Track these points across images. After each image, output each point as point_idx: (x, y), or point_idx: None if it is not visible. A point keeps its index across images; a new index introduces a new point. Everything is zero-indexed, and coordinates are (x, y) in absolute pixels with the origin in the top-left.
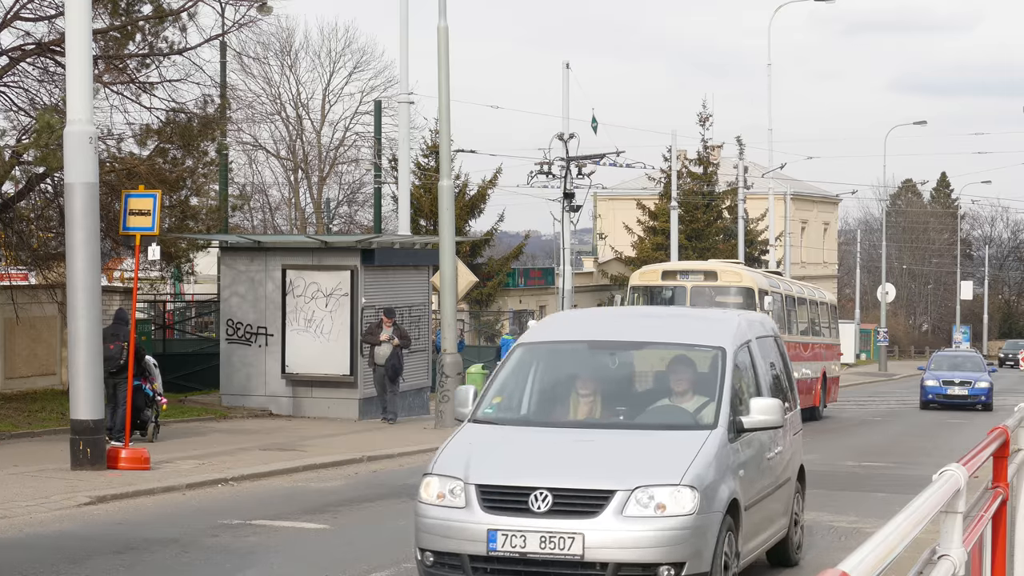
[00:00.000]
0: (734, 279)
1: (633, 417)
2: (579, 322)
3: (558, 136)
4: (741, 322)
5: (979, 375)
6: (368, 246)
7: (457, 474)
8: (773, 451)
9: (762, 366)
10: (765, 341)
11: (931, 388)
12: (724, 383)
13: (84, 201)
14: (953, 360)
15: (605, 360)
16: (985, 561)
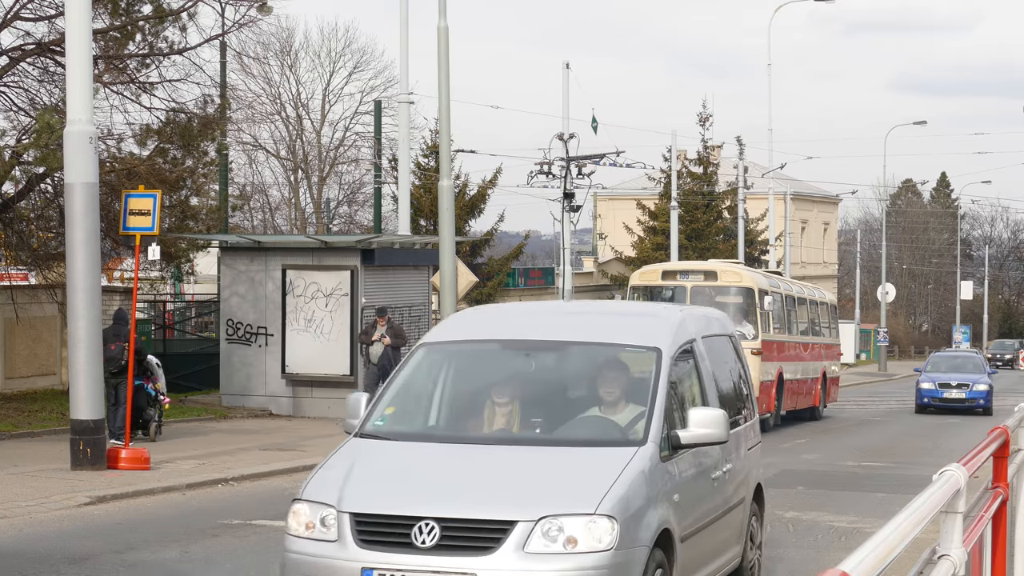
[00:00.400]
0: (734, 279)
1: (551, 431)
2: (492, 318)
3: (558, 136)
4: (684, 319)
5: (978, 377)
6: (368, 246)
7: (330, 500)
8: (721, 469)
9: (708, 370)
10: (715, 341)
11: (926, 391)
12: (657, 391)
13: (84, 201)
14: (952, 361)
15: (521, 363)
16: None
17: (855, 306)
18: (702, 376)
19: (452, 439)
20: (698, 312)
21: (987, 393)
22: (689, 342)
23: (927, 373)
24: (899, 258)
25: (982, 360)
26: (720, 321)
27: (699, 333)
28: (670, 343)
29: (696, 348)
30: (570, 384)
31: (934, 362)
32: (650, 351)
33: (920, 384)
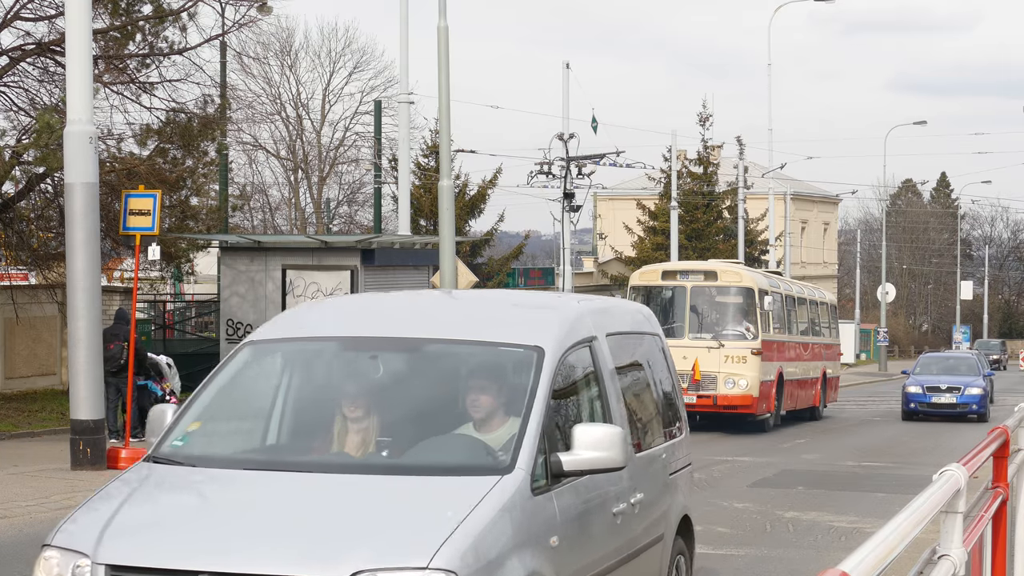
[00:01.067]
0: (734, 279)
1: (400, 454)
2: (338, 310)
3: (558, 136)
4: (581, 312)
5: (971, 380)
6: (368, 246)
7: (85, 548)
8: (625, 501)
9: (613, 377)
10: (629, 341)
11: (913, 395)
12: (533, 403)
13: (84, 201)
14: (944, 362)
15: (366, 367)
16: (985, 561)
17: (855, 306)
18: (603, 384)
19: (269, 465)
20: (604, 304)
21: (981, 397)
22: (586, 341)
23: (915, 375)
24: (899, 258)
25: (977, 361)
26: (637, 316)
27: (603, 330)
28: (557, 341)
29: (597, 349)
30: (429, 394)
31: (923, 363)
32: (529, 351)
33: (907, 388)
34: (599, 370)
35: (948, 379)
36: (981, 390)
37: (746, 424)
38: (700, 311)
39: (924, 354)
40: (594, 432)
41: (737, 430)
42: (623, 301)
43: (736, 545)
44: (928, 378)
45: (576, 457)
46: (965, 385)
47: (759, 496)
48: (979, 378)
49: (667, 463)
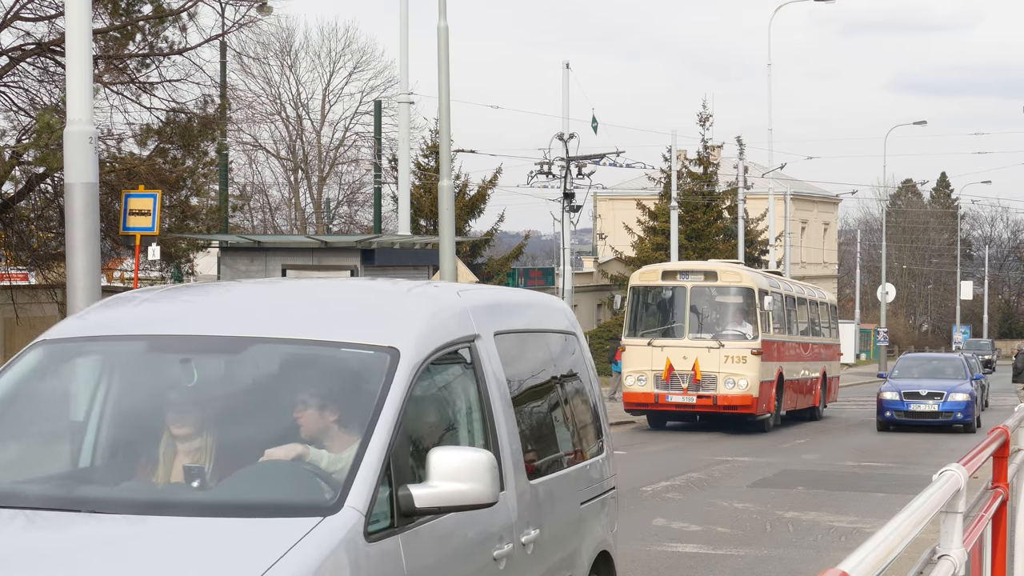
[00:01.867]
0: (734, 279)
1: (213, 484)
2: (154, 302)
3: (558, 136)
4: (457, 305)
5: (956, 385)
6: (368, 246)
7: None
8: (514, 541)
9: (502, 387)
10: (532, 340)
11: (889, 403)
12: (377, 421)
13: (84, 201)
14: (926, 365)
15: (177, 373)
16: (985, 561)
17: (855, 306)
18: (487, 395)
19: (39, 502)
20: (496, 296)
21: (967, 404)
22: (464, 341)
23: (892, 379)
24: (899, 258)
25: (963, 363)
26: (546, 310)
27: (492, 327)
28: (420, 341)
29: (480, 351)
30: (253, 408)
31: (903, 365)
32: (381, 354)
33: (882, 394)
34: (482, 378)
35: (930, 384)
36: (967, 396)
37: (746, 424)
38: (700, 311)
39: (904, 354)
40: (454, 459)
41: (737, 430)
42: (531, 292)
43: (736, 545)
44: (907, 382)
45: (431, 491)
46: (949, 390)
47: (759, 496)
48: (965, 382)
49: (578, 490)
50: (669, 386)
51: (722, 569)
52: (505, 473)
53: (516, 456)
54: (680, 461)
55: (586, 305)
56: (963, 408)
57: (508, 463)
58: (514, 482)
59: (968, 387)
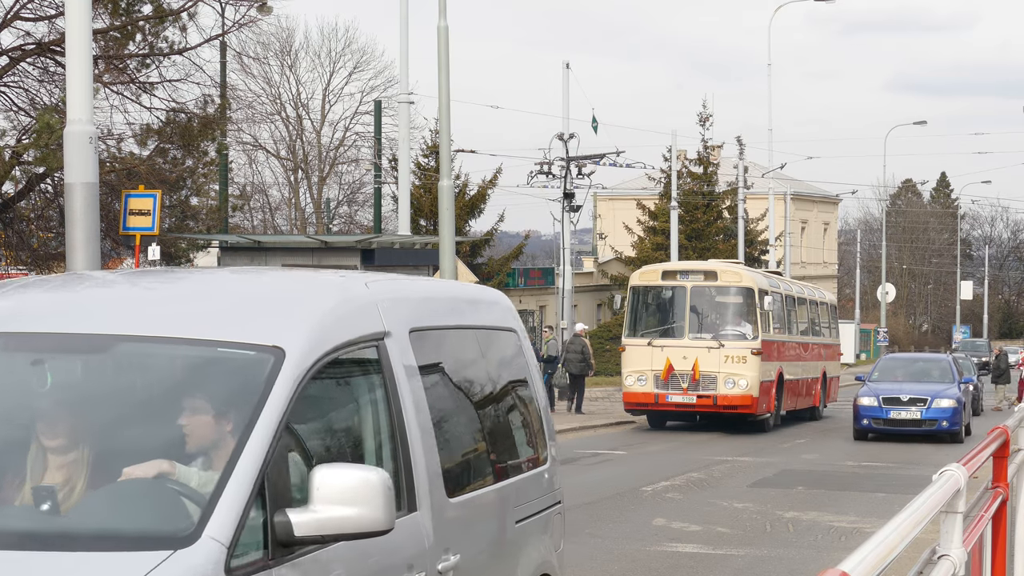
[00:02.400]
0: (734, 279)
1: (59, 510)
2: (5, 295)
3: (558, 136)
4: (363, 297)
5: (941, 389)
6: (368, 246)
7: None
8: (427, 569)
9: (415, 390)
10: (461, 338)
11: (866, 409)
12: (251, 433)
13: (84, 201)
14: (909, 366)
15: (27, 377)
16: (985, 561)
17: (855, 306)
18: (398, 402)
19: None
20: (415, 287)
21: (954, 412)
22: (370, 339)
23: (871, 383)
24: (899, 258)
25: (950, 365)
26: (478, 304)
27: (407, 323)
28: (312, 339)
29: (391, 351)
30: (116, 415)
31: (884, 367)
32: (263, 354)
33: (859, 399)
34: (391, 382)
35: (912, 388)
36: (954, 402)
37: (746, 424)
38: (700, 311)
39: (886, 355)
40: (341, 479)
41: (737, 430)
42: (463, 284)
43: (736, 545)
44: (887, 386)
45: (313, 516)
46: (933, 396)
47: (759, 496)
48: (952, 387)
49: (513, 507)
50: (669, 386)
51: (722, 569)
52: (418, 492)
53: (433, 471)
54: (680, 461)
55: (586, 305)
56: (949, 415)
57: (422, 480)
58: (429, 501)
59: (955, 392)
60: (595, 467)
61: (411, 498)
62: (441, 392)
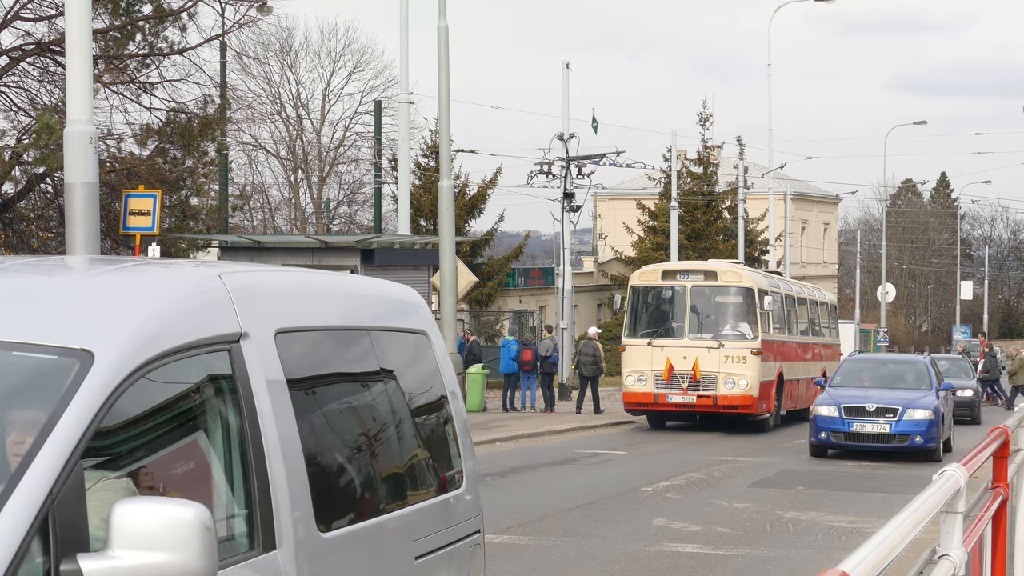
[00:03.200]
0: (734, 279)
1: None
2: None
3: (558, 136)
4: (209, 288)
5: (916, 398)
6: (368, 246)
7: None
8: None
9: (279, 405)
10: (350, 341)
11: (825, 421)
12: (35, 455)
13: (84, 201)
14: (878, 369)
15: None
16: (985, 561)
17: (855, 306)
18: (254, 420)
19: None
20: (284, 279)
21: (930, 425)
22: (218, 342)
23: (832, 388)
24: (899, 258)
25: (927, 368)
26: (371, 300)
27: (269, 322)
28: (132, 341)
29: (245, 357)
30: None
31: (848, 370)
32: (66, 359)
33: (816, 409)
34: (247, 394)
35: (881, 396)
36: (930, 413)
37: (746, 424)
38: (700, 311)
39: (851, 356)
40: (147, 517)
41: (737, 430)
42: (356, 277)
43: (736, 545)
44: (851, 393)
45: (110, 565)
46: (905, 405)
47: (759, 496)
48: (929, 394)
49: (412, 540)
50: (669, 386)
51: (722, 569)
52: (279, 526)
53: (300, 501)
54: (680, 461)
55: (586, 305)
56: (924, 429)
57: (284, 512)
58: (294, 538)
59: (932, 401)
60: (595, 467)
61: (268, 535)
62: (317, 406)
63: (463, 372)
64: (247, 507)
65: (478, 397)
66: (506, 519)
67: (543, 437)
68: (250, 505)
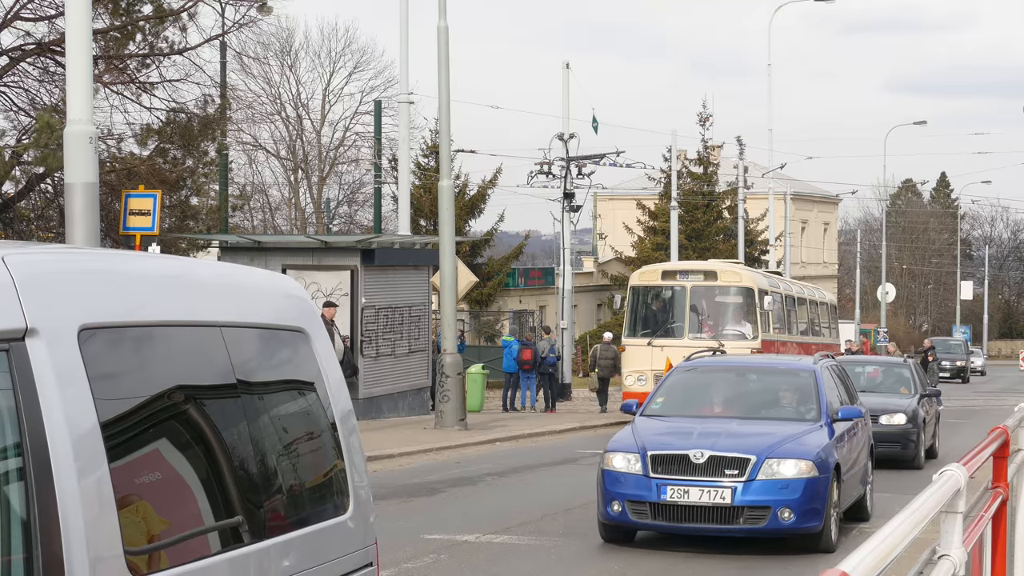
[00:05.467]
0: (734, 279)
1: None
2: None
3: (558, 136)
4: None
5: (785, 437)
6: (368, 246)
7: None
8: None
9: (81, 418)
10: (193, 338)
11: (620, 482)
12: None
13: (84, 201)
14: (732, 382)
15: None
16: (985, 561)
17: (855, 306)
18: (39, 437)
19: None
20: (96, 261)
21: (808, 489)
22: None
23: (643, 420)
24: (899, 258)
25: (816, 379)
26: (224, 291)
27: (72, 316)
28: None
29: (31, 359)
30: None
31: (676, 386)
32: None
33: (608, 458)
34: (32, 405)
35: (721, 433)
36: (810, 467)
37: None
38: (700, 311)
39: (688, 360)
40: None
41: None
42: (214, 263)
43: (735, 545)
44: (669, 427)
45: None
46: (762, 453)
47: None
48: (813, 429)
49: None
50: None
51: (721, 569)
52: (71, 568)
53: (106, 543)
54: None
55: (586, 305)
56: (796, 499)
57: (79, 559)
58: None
59: (816, 442)
60: (595, 467)
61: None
62: (136, 422)
63: (462, 373)
64: (26, 558)
65: (478, 397)
66: (506, 519)
67: (543, 437)
68: (29, 553)
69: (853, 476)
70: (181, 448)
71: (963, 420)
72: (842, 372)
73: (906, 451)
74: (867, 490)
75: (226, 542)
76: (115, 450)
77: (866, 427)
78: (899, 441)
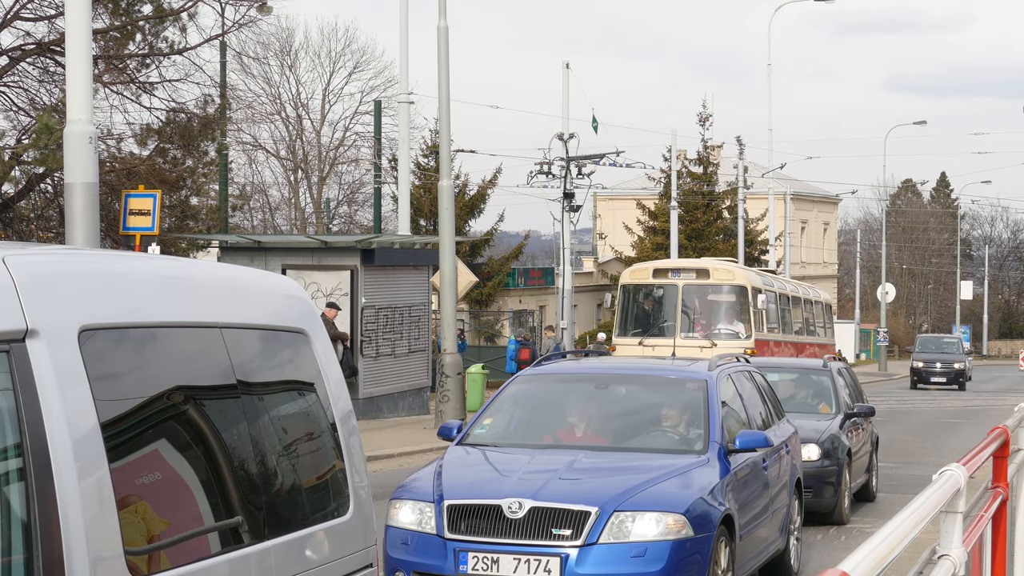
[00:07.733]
0: (726, 277)
1: None
2: None
3: (558, 136)
4: None
5: (648, 479)
6: (368, 246)
7: None
8: None
9: (82, 419)
10: (196, 339)
11: (405, 546)
12: None
13: (84, 201)
14: (593, 397)
15: None
16: (985, 561)
17: (855, 306)
18: (41, 445)
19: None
20: (95, 264)
21: (675, 554)
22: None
23: (459, 450)
24: (899, 258)
25: (709, 396)
26: (236, 292)
27: (73, 317)
28: None
29: (32, 361)
30: None
31: (506, 405)
32: None
33: (394, 509)
34: (33, 407)
35: (552, 466)
36: (681, 525)
37: None
38: (692, 310)
39: (528, 369)
40: None
41: None
42: (216, 264)
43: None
44: (487, 468)
45: None
46: (608, 505)
47: None
48: (695, 467)
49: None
50: None
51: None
52: (72, 568)
53: (106, 545)
54: None
55: (586, 305)
56: (659, 570)
57: (80, 561)
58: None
59: (699, 484)
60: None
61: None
62: (136, 423)
63: (462, 373)
64: (26, 561)
65: (478, 397)
66: None
67: None
68: (30, 556)
69: (760, 528)
70: (181, 449)
71: (963, 420)
72: (759, 382)
73: (820, 498)
74: (789, 543)
75: (226, 543)
76: (115, 451)
77: (790, 455)
78: (809, 485)
